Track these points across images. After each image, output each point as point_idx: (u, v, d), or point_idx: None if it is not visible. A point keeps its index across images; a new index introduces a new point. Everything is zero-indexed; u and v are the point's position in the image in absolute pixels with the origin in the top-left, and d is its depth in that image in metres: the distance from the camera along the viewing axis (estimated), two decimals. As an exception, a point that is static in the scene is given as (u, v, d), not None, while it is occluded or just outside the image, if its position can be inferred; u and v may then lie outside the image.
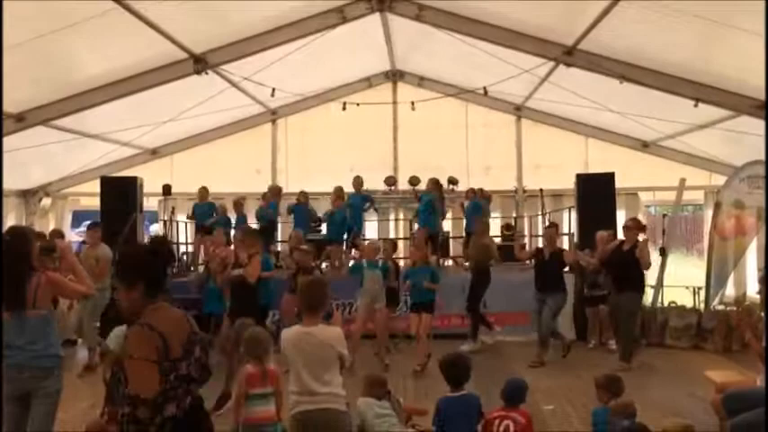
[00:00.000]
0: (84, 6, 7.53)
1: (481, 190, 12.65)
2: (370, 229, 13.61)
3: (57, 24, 7.71)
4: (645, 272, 8.65)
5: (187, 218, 13.00)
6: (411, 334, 8.96)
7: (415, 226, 12.88)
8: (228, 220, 12.21)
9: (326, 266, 11.44)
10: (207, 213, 12.32)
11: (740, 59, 8.54)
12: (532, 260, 9.52)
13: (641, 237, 8.67)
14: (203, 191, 12.59)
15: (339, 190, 11.79)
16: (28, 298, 4.25)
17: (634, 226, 8.72)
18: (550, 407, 6.50)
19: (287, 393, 4.24)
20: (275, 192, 12.44)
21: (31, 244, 4.48)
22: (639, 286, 8.68)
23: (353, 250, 11.86)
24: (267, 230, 11.37)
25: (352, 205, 11.94)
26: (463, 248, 10.99)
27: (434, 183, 11.75)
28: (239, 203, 12.47)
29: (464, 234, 12.51)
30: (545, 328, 8.90)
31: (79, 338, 9.59)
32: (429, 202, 11.48)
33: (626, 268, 8.43)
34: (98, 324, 9.11)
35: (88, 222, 9.86)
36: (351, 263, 11.35)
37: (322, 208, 12.79)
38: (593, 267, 9.49)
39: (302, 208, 12.30)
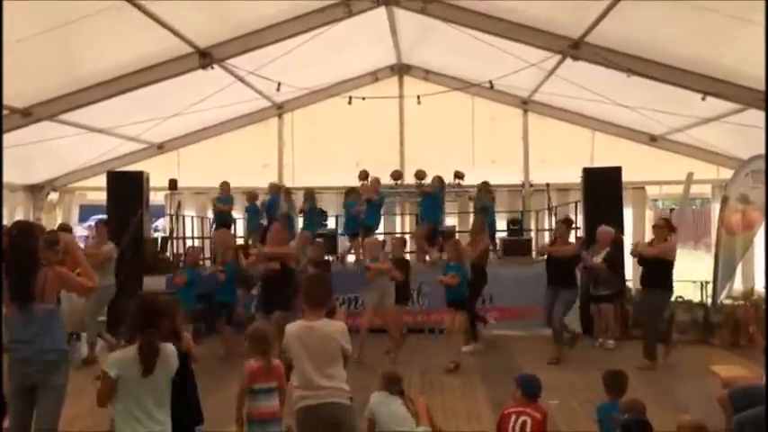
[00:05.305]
0: (90, 1, 7.54)
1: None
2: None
3: (62, 19, 7.71)
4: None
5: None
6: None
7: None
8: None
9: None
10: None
11: (748, 52, 8.46)
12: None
13: (672, 236, 8.69)
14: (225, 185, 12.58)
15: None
16: (35, 292, 4.28)
17: (665, 225, 8.79)
18: (555, 402, 6.49)
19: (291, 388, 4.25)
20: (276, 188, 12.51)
21: (38, 238, 4.51)
22: (666, 283, 8.59)
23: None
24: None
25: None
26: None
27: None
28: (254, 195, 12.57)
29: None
30: (557, 323, 8.90)
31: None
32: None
33: (651, 265, 8.44)
34: (104, 318, 9.27)
35: (97, 217, 9.93)
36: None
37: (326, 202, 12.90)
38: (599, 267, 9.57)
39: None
